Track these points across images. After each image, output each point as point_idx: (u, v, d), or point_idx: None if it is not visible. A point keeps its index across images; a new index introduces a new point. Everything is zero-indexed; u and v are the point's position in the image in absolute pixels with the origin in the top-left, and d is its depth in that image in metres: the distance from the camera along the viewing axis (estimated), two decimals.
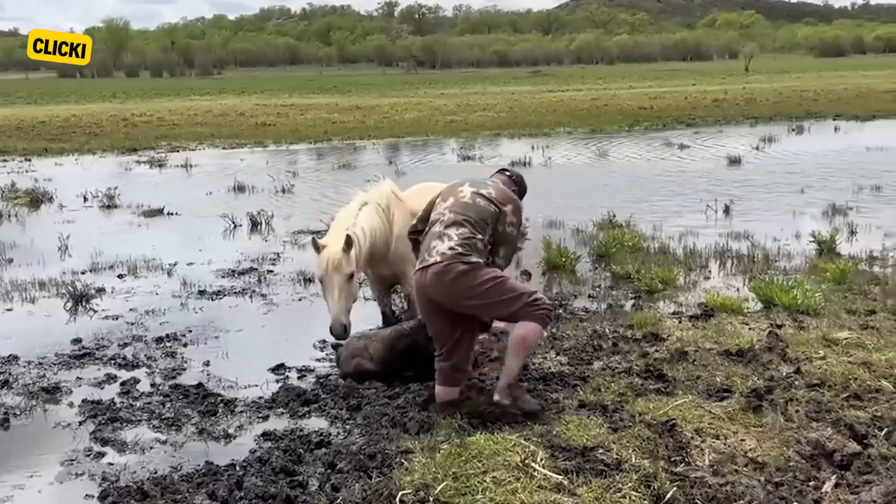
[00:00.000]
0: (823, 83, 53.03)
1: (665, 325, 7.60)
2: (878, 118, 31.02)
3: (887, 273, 9.26)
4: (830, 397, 5.68)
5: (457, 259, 5.47)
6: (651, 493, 4.41)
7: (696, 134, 27.17)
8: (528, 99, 47.55)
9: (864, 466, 4.76)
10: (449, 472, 4.57)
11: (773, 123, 29.86)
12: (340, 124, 33.90)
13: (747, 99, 41.24)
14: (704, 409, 5.52)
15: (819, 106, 36.10)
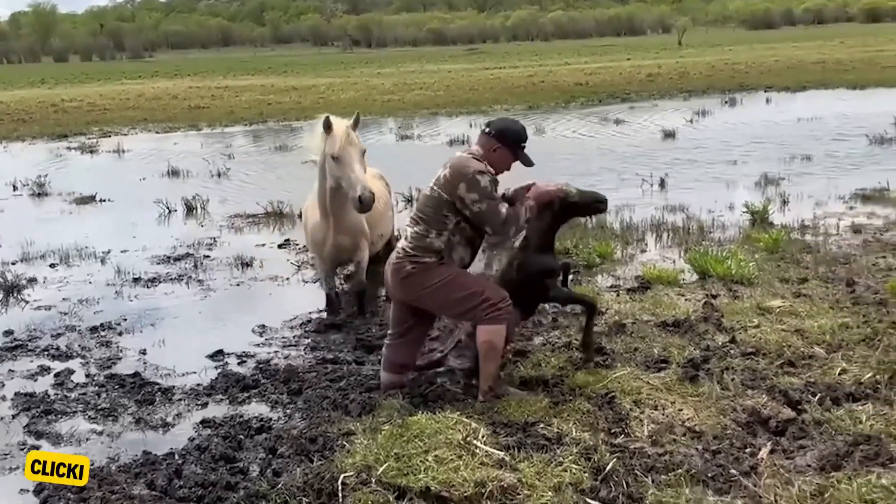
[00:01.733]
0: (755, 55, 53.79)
1: (603, 299, 7.66)
2: (809, 89, 31.52)
3: (819, 241, 9.44)
4: (765, 365, 5.80)
5: (406, 259, 5.40)
6: (591, 466, 4.46)
7: (631, 109, 27.37)
8: (465, 77, 47.44)
9: (798, 432, 4.86)
10: (391, 452, 4.55)
11: (706, 97, 30.19)
12: (276, 105, 33.51)
13: (681, 73, 41.64)
14: (643, 380, 5.58)
15: (751, 78, 36.59)
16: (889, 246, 9.14)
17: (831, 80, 34.15)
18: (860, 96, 28.85)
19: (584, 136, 21.35)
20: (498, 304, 5.31)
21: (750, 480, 4.29)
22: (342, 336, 7.20)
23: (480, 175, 5.26)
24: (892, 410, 4.97)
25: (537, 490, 4.23)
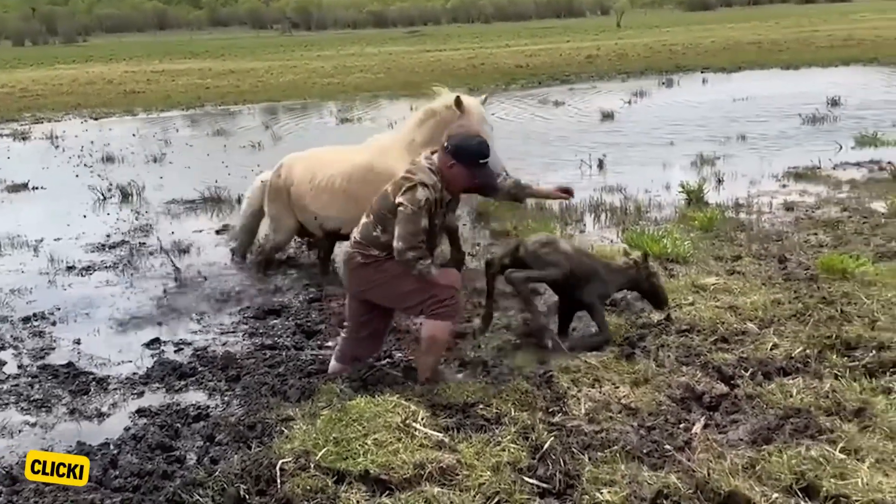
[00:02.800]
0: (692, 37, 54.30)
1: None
2: (744, 69, 31.93)
3: (752, 219, 9.61)
4: (699, 341, 5.89)
5: (356, 250, 5.38)
6: (529, 445, 4.50)
7: (570, 90, 27.50)
8: (406, 59, 47.22)
9: (731, 406, 4.96)
10: (330, 437, 4.55)
11: (644, 78, 30.44)
12: (214, 89, 33.02)
13: (619, 54, 41.88)
14: (580, 359, 5.64)
15: (687, 59, 36.93)
16: (820, 223, 9.34)
17: (766, 60, 34.64)
18: (794, 76, 29.34)
19: (525, 117, 21.43)
20: (445, 300, 5.27)
21: (684, 455, 4.37)
22: (281, 321, 7.15)
23: (422, 187, 5.16)
24: (822, 384, 5.09)
25: (476, 470, 4.25)
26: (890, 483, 3.98)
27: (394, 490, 4.12)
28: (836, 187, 11.35)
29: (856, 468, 4.12)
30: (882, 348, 5.52)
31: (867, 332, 5.82)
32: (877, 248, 8.07)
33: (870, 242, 8.32)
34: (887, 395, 4.89)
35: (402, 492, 4.10)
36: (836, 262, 7.23)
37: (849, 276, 7.07)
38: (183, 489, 4.27)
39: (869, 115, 18.14)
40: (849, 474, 4.07)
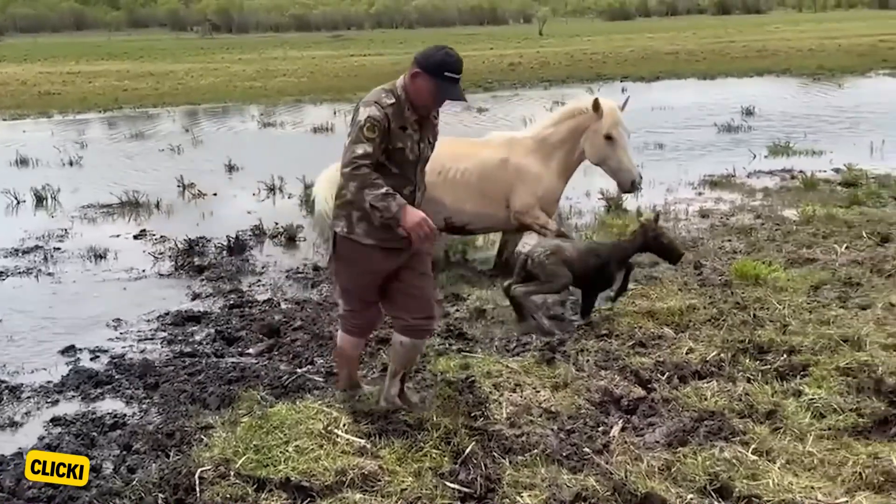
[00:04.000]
0: (612, 46, 55.19)
1: (465, 286, 7.78)
2: (662, 79, 32.56)
3: (669, 226, 9.80)
4: (618, 346, 6.00)
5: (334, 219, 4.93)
6: (451, 449, 4.52)
7: (493, 97, 27.71)
8: (330, 64, 47.02)
9: (648, 409, 5.06)
10: (250, 444, 4.51)
11: (565, 86, 30.81)
12: (132, 91, 32.37)
13: (541, 62, 42.32)
14: (502, 364, 5.70)
15: (608, 68, 37.49)
16: (734, 230, 9.58)
17: (683, 70, 35.40)
18: (710, 86, 30.02)
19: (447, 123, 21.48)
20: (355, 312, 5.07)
21: (602, 458, 4.44)
22: (201, 328, 7.05)
23: (364, 107, 4.60)
24: (735, 387, 5.22)
25: (398, 475, 4.26)
26: (800, 483, 4.11)
27: (315, 497, 4.10)
28: (750, 195, 11.66)
29: (767, 469, 4.24)
30: (792, 352, 5.69)
31: (778, 336, 6.00)
32: (788, 254, 8.31)
33: (781, 249, 8.56)
34: (797, 398, 5.03)
35: (324, 498, 4.09)
36: (749, 269, 7.42)
37: (761, 281, 7.27)
38: (99, 499, 4.19)
39: (782, 124, 18.68)
40: (760, 475, 4.18)
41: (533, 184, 7.85)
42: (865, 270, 7.59)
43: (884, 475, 4.12)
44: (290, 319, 7.05)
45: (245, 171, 14.81)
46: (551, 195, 7.99)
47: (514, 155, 7.89)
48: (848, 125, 18.53)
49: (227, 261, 9.12)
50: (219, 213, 11.86)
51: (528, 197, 7.85)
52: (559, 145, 7.83)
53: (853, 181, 11.81)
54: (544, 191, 7.89)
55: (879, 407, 4.84)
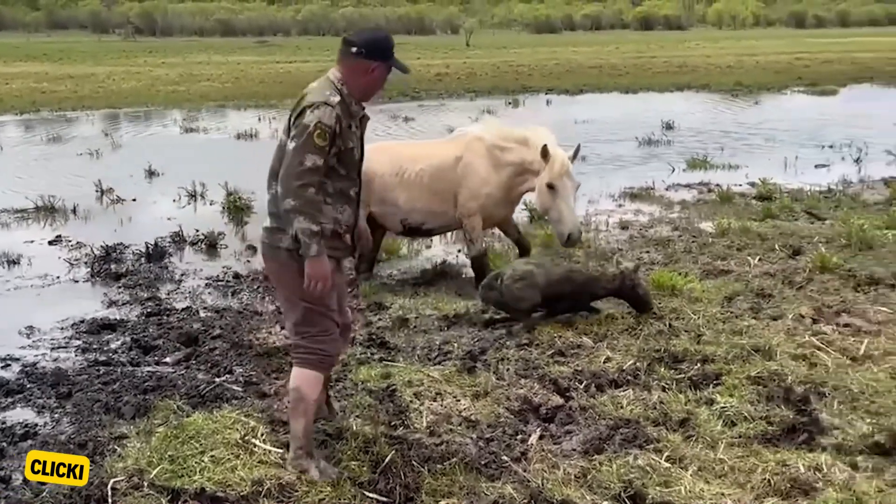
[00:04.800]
0: (537, 59, 55.67)
1: (388, 295, 7.77)
2: (586, 92, 32.99)
3: (590, 237, 9.95)
4: (538, 355, 6.06)
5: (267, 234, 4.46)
6: (370, 459, 4.51)
7: (420, 107, 27.77)
8: (255, 69, 46.50)
9: (565, 418, 5.13)
10: (165, 455, 4.45)
11: (491, 97, 30.99)
12: (51, 94, 31.52)
13: (468, 73, 42.49)
14: (424, 373, 5.72)
15: (533, 80, 37.84)
16: (652, 241, 9.76)
17: (606, 84, 35.92)
18: (632, 100, 30.55)
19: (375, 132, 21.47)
20: (316, 346, 4.41)
21: (520, 466, 4.49)
22: (117, 336, 6.91)
23: (312, 110, 4.22)
24: (650, 395, 5.33)
25: (316, 486, 4.23)
26: (711, 490, 4.21)
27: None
28: (668, 207, 11.90)
29: (680, 476, 4.33)
30: (706, 361, 5.83)
31: (693, 345, 6.14)
32: (703, 266, 8.50)
33: (697, 261, 8.75)
34: (710, 406, 5.15)
35: None
36: (665, 279, 7.57)
37: (677, 292, 7.42)
38: None
39: (700, 139, 19.11)
40: (673, 482, 4.28)
41: (478, 185, 7.81)
42: (777, 282, 7.80)
43: (791, 482, 4.24)
44: (209, 328, 6.96)
45: (166, 177, 14.57)
46: (493, 204, 7.89)
47: (469, 154, 7.87)
48: (763, 141, 19.06)
49: (146, 268, 8.96)
50: (138, 220, 11.65)
51: (471, 198, 7.83)
52: (509, 164, 7.74)
53: (767, 195, 12.14)
54: (486, 196, 7.82)
55: (788, 415, 4.98)
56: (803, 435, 4.74)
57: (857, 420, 4.94)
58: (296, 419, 4.40)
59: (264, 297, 7.97)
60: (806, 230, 10.01)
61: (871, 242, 8.95)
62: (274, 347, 6.45)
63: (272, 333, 6.82)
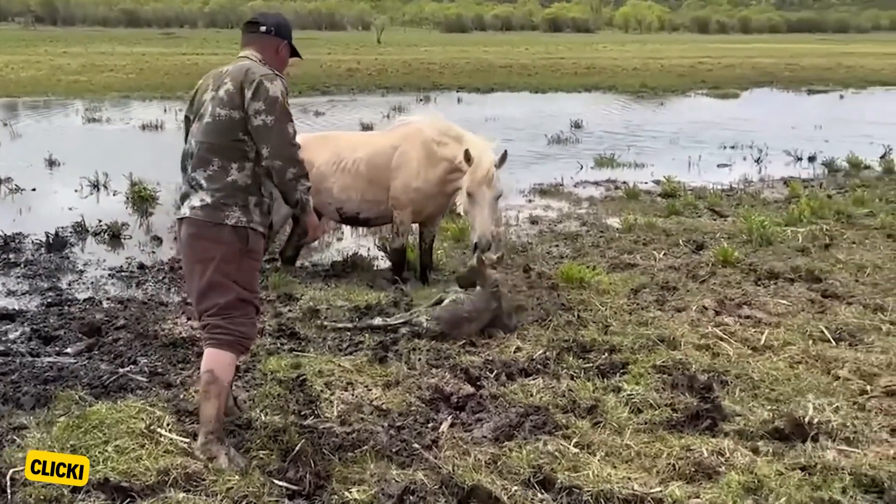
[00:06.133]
0: (448, 57, 55.89)
1: (298, 286, 7.68)
2: (496, 91, 33.27)
3: (500, 231, 10.01)
4: (449, 345, 6.07)
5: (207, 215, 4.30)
6: (280, 448, 4.45)
7: (330, 102, 27.58)
8: (161, 61, 45.53)
9: (476, 406, 5.13)
10: (67, 444, 4.31)
11: (402, 94, 31.01)
12: None
13: (379, 70, 42.39)
14: (335, 363, 5.67)
15: (444, 78, 37.98)
16: (561, 236, 9.90)
17: (516, 83, 36.27)
18: (542, 99, 30.94)
19: None
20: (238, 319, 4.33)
21: (431, 453, 4.48)
22: (15, 327, 6.65)
23: (269, 81, 4.29)
24: (559, 384, 5.38)
25: (223, 475, 4.15)
26: (617, 474, 4.27)
27: (135, 497, 3.94)
28: (577, 204, 12.07)
29: (588, 461, 4.38)
30: (613, 351, 5.93)
31: (600, 336, 6.24)
32: (610, 259, 8.65)
33: (605, 254, 8.90)
34: (616, 394, 5.23)
35: (145, 499, 3.93)
36: (574, 272, 7.67)
37: (585, 285, 7.53)
38: None
39: (607, 138, 19.45)
40: (581, 467, 4.32)
41: (410, 178, 7.69)
42: (681, 276, 7.99)
43: (695, 466, 4.33)
44: (112, 318, 6.76)
45: (67, 167, 14.16)
46: (424, 198, 7.74)
47: (405, 144, 7.76)
48: (668, 140, 19.50)
49: (46, 258, 8.68)
50: (38, 210, 11.28)
51: (402, 190, 7.73)
52: (443, 160, 7.55)
53: (672, 192, 12.43)
54: (416, 191, 7.69)
55: (692, 402, 5.09)
56: (706, 421, 4.84)
57: (757, 407, 5.08)
58: (207, 402, 4.31)
59: (170, 288, 7.81)
60: (709, 226, 10.29)
61: (770, 238, 9.24)
62: (180, 338, 6.30)
63: (178, 324, 6.66)
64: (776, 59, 56.49)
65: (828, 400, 5.12)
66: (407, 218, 7.87)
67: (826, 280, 7.79)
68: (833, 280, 7.79)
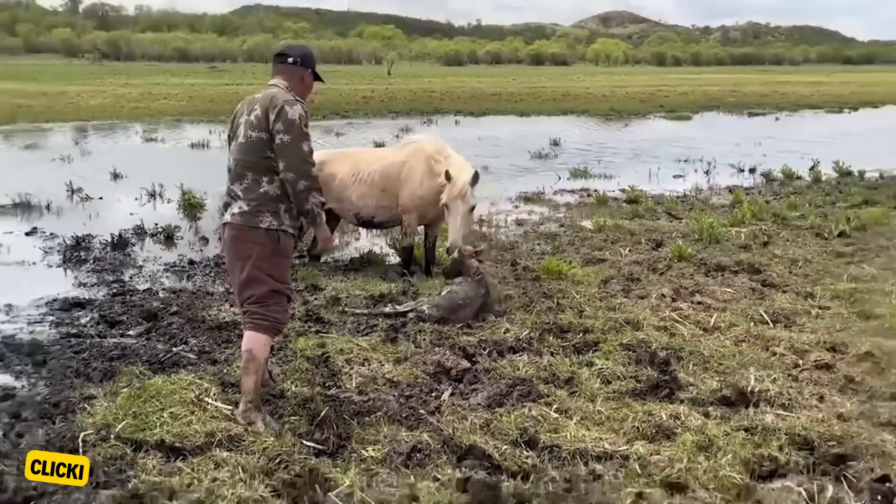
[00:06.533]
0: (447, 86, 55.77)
1: (323, 278, 7.67)
2: (488, 115, 33.19)
3: (492, 232, 10.04)
4: (449, 328, 6.04)
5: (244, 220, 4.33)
6: (308, 414, 4.45)
7: (349, 124, 27.50)
8: (207, 90, 45.42)
9: (472, 378, 5.13)
10: (129, 412, 4.32)
11: (409, 118, 30.92)
12: (27, 109, 30.17)
13: (390, 97, 42.28)
14: (354, 343, 5.66)
15: (444, 104, 37.87)
16: (543, 236, 9.86)
17: (505, 108, 36.20)
18: (526, 122, 30.84)
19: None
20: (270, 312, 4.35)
21: (434, 418, 4.48)
22: (86, 313, 6.63)
23: (290, 106, 4.30)
24: (541, 359, 5.37)
25: (261, 437, 4.15)
26: (591, 435, 4.27)
27: (187, 455, 3.95)
28: (556, 208, 12.04)
29: (566, 424, 4.38)
30: (587, 332, 5.92)
31: (576, 319, 6.23)
32: (584, 255, 8.63)
33: (579, 251, 8.88)
34: (590, 368, 5.23)
35: (195, 457, 3.94)
36: (554, 266, 7.66)
37: (563, 276, 7.51)
38: None
39: (581, 153, 19.40)
40: (561, 429, 4.32)
41: (416, 185, 7.64)
42: (644, 269, 7.97)
43: (656, 428, 4.33)
44: (167, 306, 6.75)
45: (129, 179, 14.13)
46: (426, 205, 7.63)
47: (412, 160, 7.72)
48: (631, 156, 19.45)
49: (111, 255, 8.66)
50: (104, 215, 11.25)
51: (409, 197, 7.70)
52: (439, 174, 7.39)
53: (635, 199, 12.39)
54: (420, 198, 7.61)
55: (653, 375, 5.09)
56: (665, 390, 4.84)
57: (708, 378, 5.07)
58: (247, 376, 4.33)
59: (215, 280, 7.79)
60: (666, 227, 10.26)
61: (718, 237, 9.22)
62: (224, 322, 6.29)
63: (222, 310, 6.65)
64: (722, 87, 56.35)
65: (767, 372, 5.12)
66: (414, 221, 7.86)
67: (765, 272, 7.79)
68: (771, 272, 7.78)
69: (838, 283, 7.29)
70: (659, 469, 3.88)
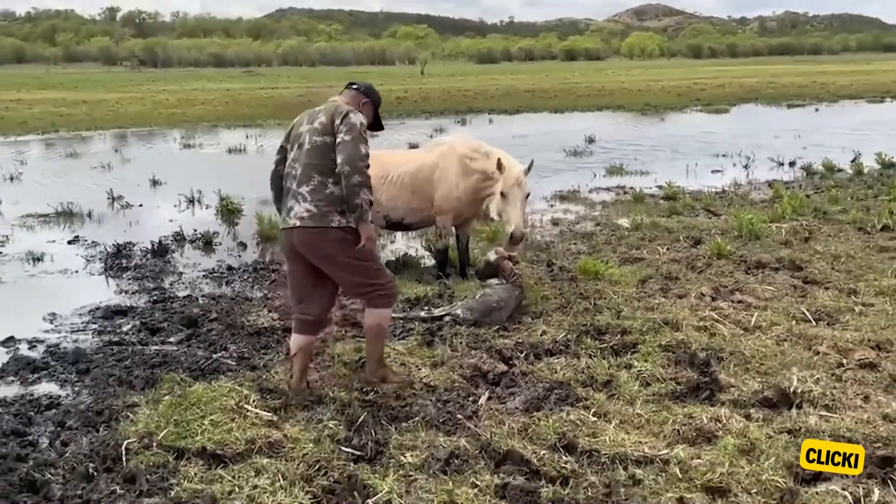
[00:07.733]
0: (480, 84, 55.68)
1: None
2: (522, 112, 33.09)
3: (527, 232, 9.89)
4: (485, 330, 6.02)
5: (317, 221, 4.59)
6: (346, 419, 4.47)
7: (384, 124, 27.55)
8: (243, 94, 45.90)
9: (509, 382, 5.11)
10: (171, 419, 4.37)
11: (443, 117, 30.96)
12: (68, 117, 30.86)
13: (423, 97, 42.34)
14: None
15: (478, 103, 37.82)
16: (579, 235, 9.81)
17: (539, 105, 36.07)
18: (560, 118, 30.68)
19: None
20: (388, 288, 4.81)
21: (472, 423, 4.47)
22: (128, 321, 6.76)
23: (353, 114, 4.66)
24: (579, 362, 5.34)
25: (300, 443, 4.19)
26: (630, 439, 4.23)
27: (228, 463, 3.99)
28: (591, 207, 11.96)
29: (604, 428, 4.34)
30: (625, 333, 5.86)
31: (614, 320, 6.16)
32: (621, 254, 8.55)
33: (616, 250, 8.80)
34: (628, 370, 5.17)
35: (236, 464, 3.98)
36: (590, 266, 7.60)
37: (600, 276, 7.45)
38: (35, 469, 3.97)
39: (617, 150, 19.24)
40: (599, 433, 4.28)
41: (450, 189, 7.64)
42: (682, 267, 7.88)
43: (696, 431, 4.27)
44: (206, 312, 6.84)
45: (168, 186, 14.34)
46: (462, 205, 7.67)
47: (444, 161, 7.71)
48: (668, 151, 19.24)
49: (151, 262, 8.80)
50: (144, 222, 11.44)
51: (444, 199, 7.69)
52: (475, 172, 7.47)
53: (672, 196, 12.26)
54: (457, 199, 7.63)
55: (693, 376, 5.02)
56: (706, 392, 4.78)
57: (749, 379, 4.99)
58: (377, 345, 4.93)
59: (253, 286, 7.87)
60: (704, 224, 10.13)
61: (758, 233, 9.08)
62: (262, 328, 6.36)
63: (260, 316, 6.72)
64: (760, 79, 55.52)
65: (809, 372, 5.02)
66: (448, 222, 7.86)
67: (806, 268, 7.65)
68: (812, 268, 7.64)
69: (882, 279, 7.14)
70: (700, 473, 3.83)
